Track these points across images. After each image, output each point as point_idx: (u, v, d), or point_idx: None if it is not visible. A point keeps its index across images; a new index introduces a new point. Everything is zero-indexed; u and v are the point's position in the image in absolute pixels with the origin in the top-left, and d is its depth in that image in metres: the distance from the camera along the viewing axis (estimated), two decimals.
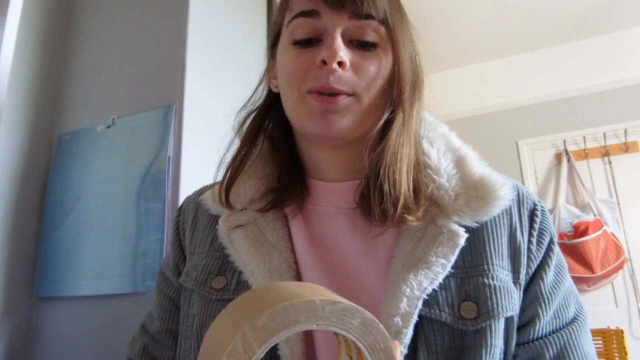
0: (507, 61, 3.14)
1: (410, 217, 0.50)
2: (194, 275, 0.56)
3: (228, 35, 1.60)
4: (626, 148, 2.72)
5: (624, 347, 2.07)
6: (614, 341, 2.10)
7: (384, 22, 0.52)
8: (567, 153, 2.83)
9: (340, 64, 0.50)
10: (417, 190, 0.52)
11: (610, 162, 2.74)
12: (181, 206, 0.67)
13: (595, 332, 2.15)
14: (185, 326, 0.56)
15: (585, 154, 2.81)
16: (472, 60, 3.16)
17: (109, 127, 1.42)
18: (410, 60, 0.55)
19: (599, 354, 2.10)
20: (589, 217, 2.58)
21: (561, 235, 2.60)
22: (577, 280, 2.51)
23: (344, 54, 0.50)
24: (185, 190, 1.25)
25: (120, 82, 1.46)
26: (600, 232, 2.51)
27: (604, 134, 2.77)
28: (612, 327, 2.16)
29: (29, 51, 1.48)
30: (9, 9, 1.24)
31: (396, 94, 0.53)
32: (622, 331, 2.12)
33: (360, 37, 0.52)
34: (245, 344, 0.26)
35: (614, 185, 2.70)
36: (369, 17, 0.51)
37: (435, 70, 3.19)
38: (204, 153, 1.33)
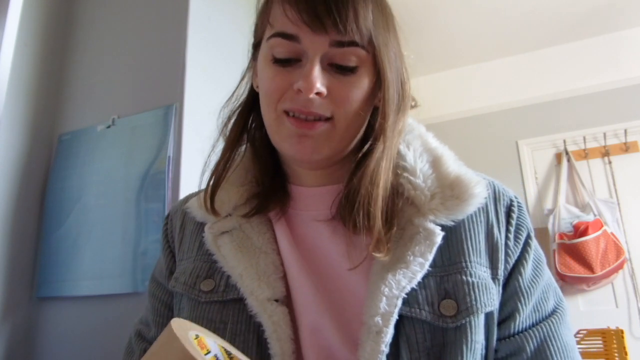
0: (507, 61, 3.13)
1: (378, 255, 0.50)
2: (183, 279, 0.56)
3: (228, 35, 1.60)
4: (626, 148, 2.72)
5: (624, 347, 2.06)
6: (614, 341, 2.10)
7: (368, 45, 0.50)
8: (567, 153, 2.83)
9: (318, 93, 0.49)
10: (390, 217, 0.52)
11: (610, 162, 2.74)
12: (168, 214, 0.68)
13: (595, 332, 2.15)
14: None
15: (585, 154, 2.81)
16: (473, 60, 3.16)
17: (109, 127, 1.42)
18: (397, 80, 0.54)
19: (599, 354, 2.10)
20: (589, 217, 2.58)
21: (561, 235, 2.60)
22: (577, 280, 2.51)
23: (321, 84, 0.49)
24: (186, 191, 1.25)
25: (120, 82, 1.46)
26: (600, 232, 2.50)
27: (604, 134, 2.77)
28: (612, 327, 2.16)
29: (29, 51, 1.48)
30: (9, 9, 1.24)
31: (380, 122, 0.52)
32: (622, 331, 2.12)
33: (341, 62, 0.50)
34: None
35: (614, 185, 2.70)
36: (352, 43, 0.49)
37: (436, 71, 3.19)
38: (204, 153, 1.33)
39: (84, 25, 1.62)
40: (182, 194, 1.24)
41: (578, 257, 2.50)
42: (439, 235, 0.50)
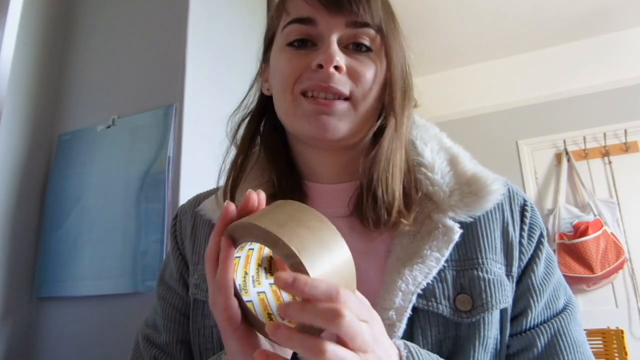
0: (507, 61, 3.13)
1: (405, 222, 0.51)
2: (205, 286, 0.55)
3: (228, 35, 1.60)
4: (626, 148, 2.72)
5: (624, 347, 2.06)
6: (614, 341, 2.10)
7: (379, 29, 0.53)
8: (567, 153, 2.82)
9: (337, 68, 0.51)
10: (407, 195, 0.54)
11: (610, 162, 2.74)
12: (176, 215, 0.66)
13: (595, 332, 2.15)
14: (203, 337, 0.56)
15: (585, 154, 2.81)
16: (473, 60, 3.16)
17: (109, 127, 1.42)
18: (401, 68, 0.56)
19: (599, 354, 2.10)
20: (589, 217, 2.58)
21: (561, 236, 2.60)
22: (577, 280, 2.50)
23: (340, 58, 0.51)
24: (185, 190, 1.25)
25: (120, 82, 1.46)
26: (600, 232, 2.50)
27: (604, 134, 2.77)
28: (612, 327, 2.16)
29: (29, 51, 1.48)
30: (9, 9, 1.24)
31: (388, 100, 0.54)
32: (622, 331, 2.12)
33: (356, 40, 0.53)
34: None
35: (614, 185, 2.70)
36: (365, 25, 0.52)
37: (436, 71, 3.19)
38: (204, 153, 1.33)
39: (84, 25, 1.62)
40: (182, 194, 1.24)
41: (578, 257, 2.50)
42: (457, 233, 0.51)
